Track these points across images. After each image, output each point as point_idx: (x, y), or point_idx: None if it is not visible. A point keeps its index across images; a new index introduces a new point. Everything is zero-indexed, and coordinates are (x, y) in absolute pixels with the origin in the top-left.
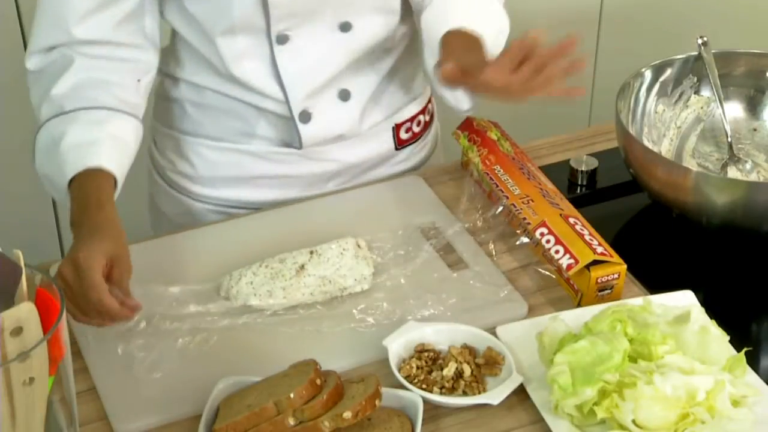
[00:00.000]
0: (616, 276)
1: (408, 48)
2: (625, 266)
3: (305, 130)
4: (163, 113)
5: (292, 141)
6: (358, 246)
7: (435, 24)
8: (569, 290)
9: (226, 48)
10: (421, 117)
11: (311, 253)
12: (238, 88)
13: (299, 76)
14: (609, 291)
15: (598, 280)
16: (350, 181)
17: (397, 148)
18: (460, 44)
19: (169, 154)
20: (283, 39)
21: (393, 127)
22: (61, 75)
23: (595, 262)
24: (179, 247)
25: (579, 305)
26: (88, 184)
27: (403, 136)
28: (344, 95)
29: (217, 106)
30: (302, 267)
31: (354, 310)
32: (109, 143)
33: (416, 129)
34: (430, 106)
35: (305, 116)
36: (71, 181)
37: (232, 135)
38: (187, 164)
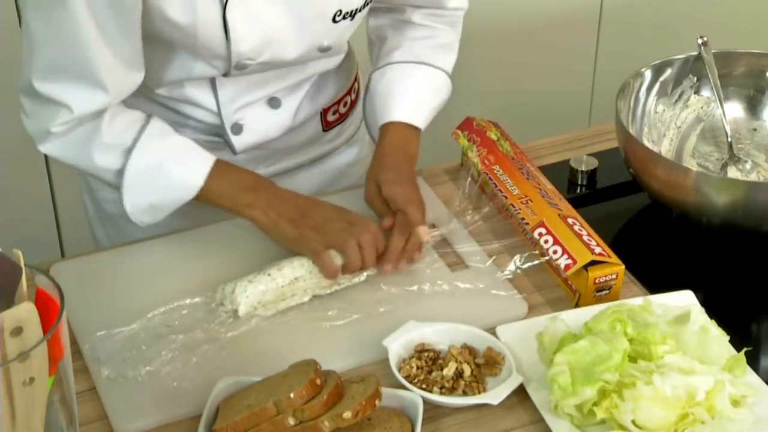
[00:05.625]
0: (614, 276)
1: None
2: (623, 267)
3: (237, 140)
4: None
5: (223, 134)
6: None
7: (379, 108)
8: (567, 290)
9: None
10: (347, 98)
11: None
12: (172, 100)
13: (235, 95)
14: (607, 291)
15: (596, 281)
16: (280, 163)
17: (324, 130)
18: (396, 146)
19: None
20: (235, 73)
21: (320, 113)
22: (99, 126)
23: (594, 263)
24: (177, 247)
25: (577, 305)
26: (224, 177)
27: (330, 118)
28: (274, 103)
29: (151, 99)
30: (295, 279)
31: (354, 310)
32: (190, 140)
33: (343, 110)
34: (356, 84)
35: (237, 128)
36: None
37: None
38: None
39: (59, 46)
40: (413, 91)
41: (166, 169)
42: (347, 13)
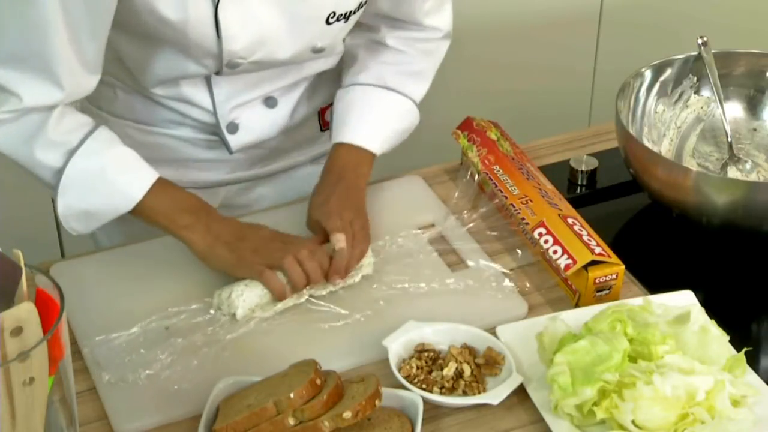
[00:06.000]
0: (614, 276)
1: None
2: (623, 267)
3: (233, 139)
4: (91, 93)
5: (219, 133)
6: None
7: (337, 124)
8: (567, 290)
9: (162, 77)
10: None
11: None
12: (169, 98)
13: (231, 94)
14: (607, 291)
15: (596, 281)
16: (277, 162)
17: (322, 130)
18: (339, 167)
19: None
20: (227, 71)
21: (318, 112)
22: (46, 122)
23: (594, 263)
24: (177, 247)
25: (577, 305)
26: (164, 195)
27: (328, 118)
28: (270, 103)
29: (148, 98)
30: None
31: (353, 310)
32: (136, 154)
33: None
34: None
35: (233, 127)
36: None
37: (162, 121)
38: None
39: (23, 36)
40: (372, 115)
41: (106, 177)
42: (341, 15)
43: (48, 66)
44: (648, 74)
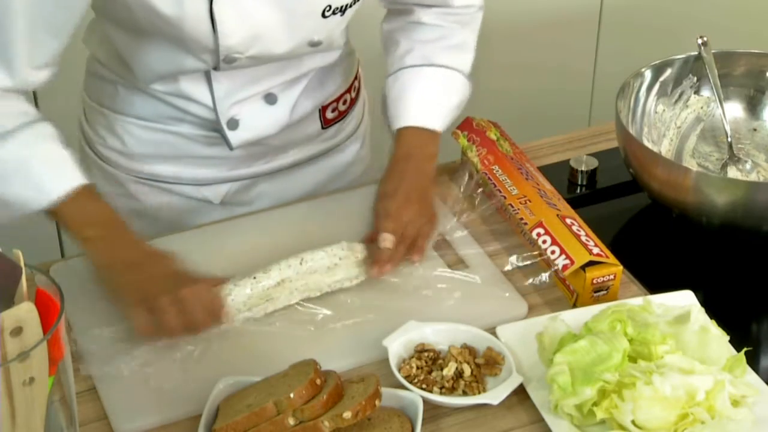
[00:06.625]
0: (611, 277)
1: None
2: (620, 267)
3: (234, 136)
4: (93, 89)
5: (219, 129)
6: (355, 253)
7: (394, 109)
8: (565, 291)
9: (161, 70)
10: (347, 96)
11: (300, 262)
12: (168, 94)
13: (230, 90)
14: (605, 292)
15: (594, 281)
16: (278, 160)
17: (323, 128)
18: (404, 152)
19: (99, 129)
20: (225, 66)
21: (319, 110)
22: None
23: (592, 263)
24: (176, 248)
25: (575, 306)
26: (78, 204)
27: (329, 116)
28: (271, 99)
29: (149, 94)
30: (282, 281)
31: (353, 310)
32: (72, 157)
33: (342, 108)
34: (356, 82)
35: (233, 123)
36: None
37: (163, 118)
38: (118, 140)
39: None
40: (425, 94)
41: (30, 168)
42: (337, 8)
43: (3, 51)
44: (648, 74)
